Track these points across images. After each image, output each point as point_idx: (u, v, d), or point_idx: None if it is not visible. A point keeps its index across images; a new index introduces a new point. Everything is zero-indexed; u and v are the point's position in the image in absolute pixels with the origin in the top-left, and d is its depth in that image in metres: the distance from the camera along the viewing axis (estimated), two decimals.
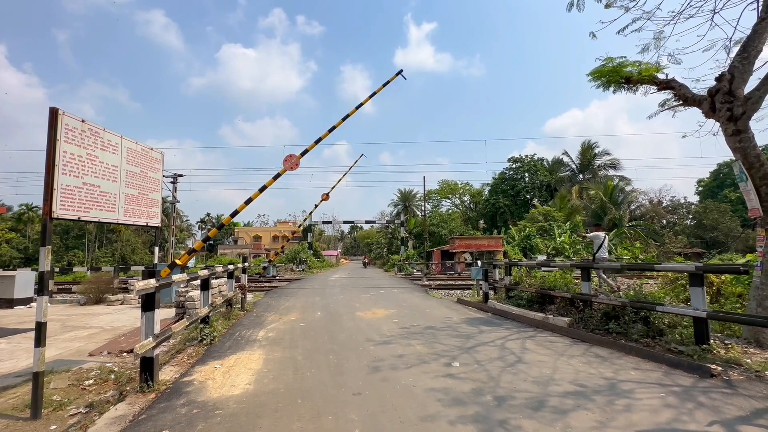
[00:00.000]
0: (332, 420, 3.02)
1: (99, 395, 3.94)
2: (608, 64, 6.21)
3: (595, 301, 6.27)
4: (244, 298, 9.21)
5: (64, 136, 3.89)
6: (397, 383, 3.84)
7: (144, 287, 3.73)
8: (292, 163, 7.78)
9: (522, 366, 4.37)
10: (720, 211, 38.12)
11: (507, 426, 2.88)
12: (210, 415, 3.13)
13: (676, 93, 5.95)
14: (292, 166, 7.78)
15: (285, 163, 7.78)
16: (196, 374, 4.23)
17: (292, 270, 30.37)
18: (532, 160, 46.58)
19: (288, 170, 7.75)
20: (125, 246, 44.82)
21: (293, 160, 7.80)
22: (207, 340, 5.66)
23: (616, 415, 3.02)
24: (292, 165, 7.77)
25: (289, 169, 7.77)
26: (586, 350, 5.01)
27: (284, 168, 7.67)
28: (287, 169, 7.73)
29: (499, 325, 6.90)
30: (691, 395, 3.41)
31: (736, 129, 5.07)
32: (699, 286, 4.72)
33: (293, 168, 7.82)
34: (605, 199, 33.54)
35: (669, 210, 44.85)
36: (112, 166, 4.65)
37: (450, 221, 39.02)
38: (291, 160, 7.80)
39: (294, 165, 7.80)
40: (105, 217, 4.56)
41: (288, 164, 7.76)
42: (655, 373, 4.02)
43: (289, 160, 7.79)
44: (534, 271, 9.46)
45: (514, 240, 27.77)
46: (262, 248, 57.42)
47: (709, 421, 2.90)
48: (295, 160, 7.80)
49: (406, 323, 7.08)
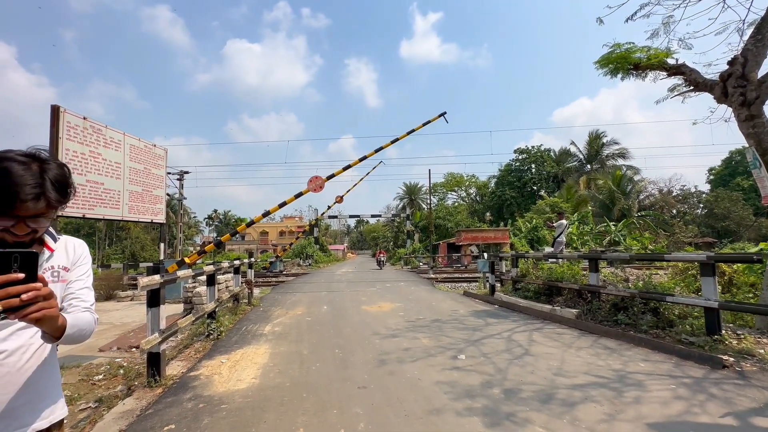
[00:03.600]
0: (337, 413, 3.01)
1: (108, 390, 3.98)
2: (616, 50, 6.06)
3: (604, 292, 6.19)
4: (250, 293, 9.27)
5: (66, 133, 3.90)
6: (403, 376, 3.83)
7: (148, 283, 3.75)
8: (317, 185, 7.64)
9: (529, 358, 4.33)
10: (732, 199, 37.42)
11: (515, 419, 2.85)
12: (216, 410, 3.15)
13: (687, 78, 5.78)
14: (315, 188, 7.63)
15: (309, 184, 7.64)
16: (203, 369, 4.26)
17: (299, 265, 30.53)
18: (539, 151, 46.07)
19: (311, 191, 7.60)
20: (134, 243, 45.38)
21: (318, 182, 7.69)
22: (214, 335, 5.70)
23: (626, 408, 2.97)
24: (315, 187, 7.63)
25: (313, 190, 7.63)
26: (594, 342, 4.95)
27: (308, 188, 7.54)
28: (310, 190, 7.60)
29: (505, 317, 6.85)
30: (703, 387, 3.34)
31: (749, 114, 4.92)
32: (710, 275, 4.62)
33: (317, 190, 7.65)
34: (614, 188, 33.07)
35: (679, 199, 44.13)
36: (116, 163, 4.66)
37: (456, 214, 38.89)
38: (316, 182, 7.68)
39: (318, 187, 7.64)
40: (109, 215, 4.59)
41: (312, 185, 7.62)
42: (665, 365, 3.95)
43: (315, 182, 7.66)
44: (541, 263, 9.37)
45: (521, 232, 27.56)
46: (269, 243, 57.81)
47: (721, 413, 2.84)
48: (320, 183, 7.67)
49: (412, 316, 7.07)
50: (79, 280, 1.22)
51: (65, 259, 1.21)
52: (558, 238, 11.04)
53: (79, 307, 1.16)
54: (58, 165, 1.07)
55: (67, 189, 1.07)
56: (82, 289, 1.21)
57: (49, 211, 1.04)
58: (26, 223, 1.01)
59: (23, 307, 0.86)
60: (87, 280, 1.25)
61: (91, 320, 1.18)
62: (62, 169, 1.07)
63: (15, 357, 1.08)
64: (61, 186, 1.04)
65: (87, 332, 1.15)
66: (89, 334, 1.17)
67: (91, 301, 1.24)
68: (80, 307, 1.17)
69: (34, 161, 1.02)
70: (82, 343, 1.25)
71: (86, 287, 1.24)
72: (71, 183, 1.09)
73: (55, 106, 3.80)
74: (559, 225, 11.22)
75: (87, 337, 1.16)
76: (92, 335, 1.17)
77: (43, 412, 1.14)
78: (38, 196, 0.99)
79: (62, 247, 1.22)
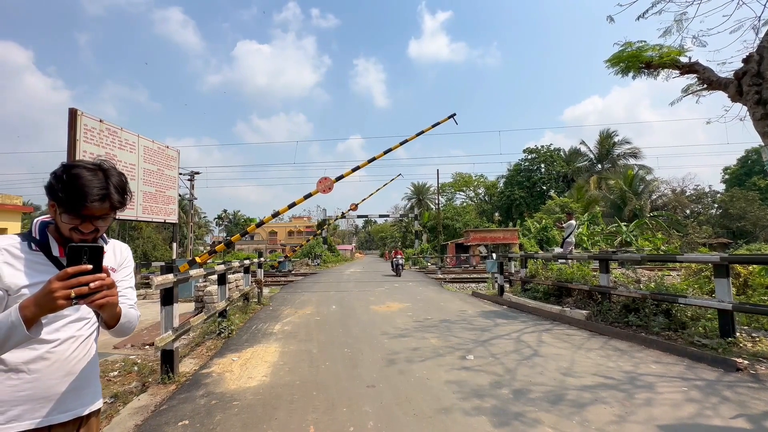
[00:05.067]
0: (346, 412, 3.05)
1: (123, 386, 4.08)
2: (627, 49, 5.98)
3: (614, 294, 6.13)
4: (260, 293, 9.37)
5: (83, 136, 3.99)
6: (412, 376, 3.85)
7: (162, 282, 3.83)
8: (326, 186, 7.76)
9: (538, 359, 4.31)
10: (748, 199, 36.53)
11: (524, 419, 2.85)
12: (228, 406, 3.21)
13: (700, 77, 5.69)
14: (325, 189, 7.76)
15: (318, 185, 7.75)
16: (215, 366, 4.33)
17: (308, 264, 30.72)
18: (549, 151, 45.61)
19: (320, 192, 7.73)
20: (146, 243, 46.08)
21: (327, 183, 7.80)
22: (225, 333, 5.78)
23: (636, 409, 2.95)
24: (325, 188, 7.75)
25: (322, 191, 7.76)
26: (604, 343, 4.91)
27: (317, 189, 7.66)
28: (319, 191, 7.72)
29: (514, 318, 6.83)
30: (715, 389, 3.30)
31: (765, 113, 4.82)
32: (724, 277, 4.55)
33: (326, 191, 7.79)
34: (625, 188, 32.56)
35: (693, 199, 43.27)
36: (130, 164, 4.76)
37: (464, 214, 38.72)
38: (325, 182, 7.80)
39: (327, 188, 7.77)
40: (124, 215, 4.69)
41: (321, 186, 7.74)
42: (677, 367, 3.91)
43: (324, 183, 7.78)
44: (550, 264, 9.31)
45: (530, 232, 27.33)
46: (278, 243, 58.23)
47: (733, 416, 2.81)
48: (329, 183, 7.78)
49: (420, 316, 7.08)
50: (124, 281, 1.35)
51: (113, 261, 1.34)
52: (567, 238, 10.96)
53: (126, 305, 1.29)
54: (118, 173, 1.21)
55: (126, 193, 1.20)
56: (127, 289, 1.35)
57: (111, 213, 1.17)
58: (92, 222, 1.13)
59: (91, 294, 0.99)
60: (131, 280, 1.39)
61: (136, 316, 1.33)
62: (122, 177, 1.21)
63: (65, 346, 1.18)
64: (122, 190, 1.17)
65: (133, 325, 1.30)
66: (134, 327, 1.32)
67: (134, 299, 1.38)
68: (126, 305, 1.29)
69: (99, 170, 1.15)
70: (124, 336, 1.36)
71: (130, 287, 1.37)
72: (129, 189, 1.22)
73: (73, 109, 3.91)
74: (568, 225, 11.17)
75: (132, 330, 1.31)
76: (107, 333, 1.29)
77: (86, 400, 1.25)
78: (104, 198, 1.12)
79: (111, 249, 1.35)
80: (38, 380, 1.13)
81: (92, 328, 1.27)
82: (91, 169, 1.14)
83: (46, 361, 1.14)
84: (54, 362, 1.15)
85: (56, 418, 1.16)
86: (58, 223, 1.14)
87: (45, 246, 1.17)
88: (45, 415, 1.14)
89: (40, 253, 1.16)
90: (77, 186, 1.09)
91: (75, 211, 1.09)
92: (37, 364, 1.13)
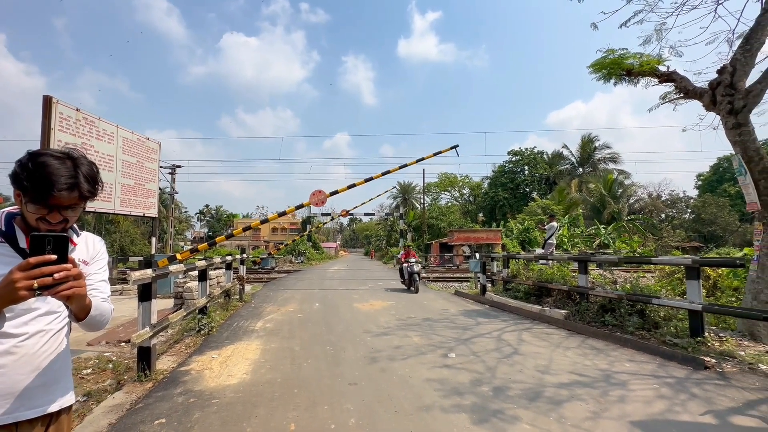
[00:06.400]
0: (328, 409, 3.04)
1: (97, 384, 3.96)
2: (609, 56, 6.14)
3: (592, 294, 6.30)
4: (242, 289, 9.23)
5: (58, 124, 3.84)
6: (394, 374, 3.87)
7: (140, 277, 3.73)
8: (319, 200, 7.77)
9: (518, 357, 4.40)
10: (719, 205, 38.10)
11: (502, 416, 2.90)
12: (206, 404, 3.15)
13: (677, 85, 5.89)
14: (317, 203, 7.78)
15: (311, 198, 7.73)
16: (194, 364, 4.25)
17: (291, 262, 30.44)
18: (532, 153, 46.42)
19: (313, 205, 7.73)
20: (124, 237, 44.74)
21: (321, 196, 7.79)
22: (205, 330, 5.68)
23: (610, 406, 3.05)
24: (318, 201, 7.76)
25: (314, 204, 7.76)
26: (581, 342, 5.05)
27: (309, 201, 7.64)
28: (312, 203, 7.72)
29: (496, 317, 6.93)
30: (685, 387, 3.43)
31: (736, 122, 5.04)
32: (695, 279, 4.73)
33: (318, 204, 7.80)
34: (604, 192, 33.50)
35: (668, 204, 44.85)
36: (108, 155, 4.61)
37: (449, 214, 39.00)
38: (318, 196, 7.79)
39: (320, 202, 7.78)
40: (101, 208, 4.55)
41: (314, 199, 7.73)
42: (650, 365, 4.05)
43: (317, 196, 7.77)
44: (531, 264, 9.49)
45: (513, 233, 27.79)
46: (261, 240, 57.44)
47: (701, 412, 2.93)
48: (323, 197, 7.78)
49: (403, 315, 7.11)
50: (97, 273, 1.33)
51: (85, 253, 1.31)
52: (548, 239, 11.23)
53: (98, 298, 1.26)
54: (89, 162, 1.18)
55: (96, 183, 1.17)
56: (100, 282, 1.32)
57: (80, 203, 1.15)
58: (60, 212, 1.11)
59: (55, 285, 0.96)
60: (104, 273, 1.36)
61: (109, 310, 1.29)
62: (92, 166, 1.18)
63: (33, 340, 1.15)
64: (92, 180, 1.15)
65: (106, 319, 1.27)
66: (107, 321, 1.28)
67: (108, 292, 1.35)
68: (99, 298, 1.26)
69: (67, 158, 1.13)
70: (70, 336, 1.33)
71: (103, 280, 1.35)
72: (100, 179, 1.20)
73: (48, 96, 3.75)
74: (549, 227, 11.46)
75: (105, 323, 1.27)
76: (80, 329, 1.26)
77: (56, 396, 1.21)
78: (72, 187, 1.09)
79: (83, 242, 1.32)
80: (4, 375, 1.09)
81: (63, 323, 1.23)
82: (59, 158, 1.11)
83: (13, 355, 1.10)
84: (21, 357, 1.11)
85: (23, 414, 1.12)
86: (24, 213, 1.12)
87: (11, 238, 1.13)
88: (11, 411, 1.10)
89: (6, 245, 1.12)
90: (44, 174, 1.06)
91: (42, 200, 1.07)
92: (4, 359, 1.09)
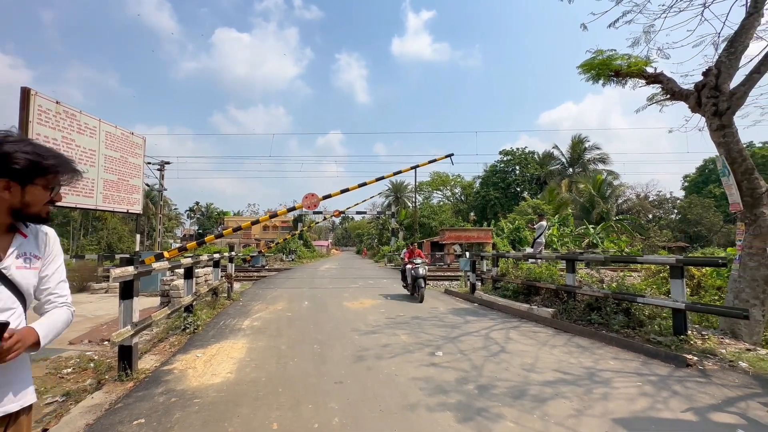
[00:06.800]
0: (312, 408, 3.01)
1: (77, 384, 3.87)
2: (598, 56, 6.19)
3: (579, 293, 6.36)
4: (230, 288, 9.13)
5: (36, 117, 3.73)
6: (380, 372, 3.85)
7: (121, 274, 3.65)
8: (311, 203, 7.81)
9: (505, 355, 4.41)
10: (704, 206, 38.89)
11: (486, 414, 2.90)
12: (188, 404, 3.10)
13: (664, 87, 5.96)
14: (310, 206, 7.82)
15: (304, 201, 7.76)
16: (177, 363, 4.18)
17: (282, 260, 30.23)
18: (523, 153, 46.78)
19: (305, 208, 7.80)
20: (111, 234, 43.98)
21: (313, 200, 7.83)
22: (190, 329, 5.59)
23: (594, 404, 3.07)
24: (310, 205, 7.80)
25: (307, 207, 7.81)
26: (568, 340, 5.09)
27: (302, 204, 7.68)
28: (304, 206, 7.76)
29: (484, 315, 6.96)
30: (667, 384, 3.48)
31: (720, 124, 5.11)
32: (679, 278, 4.80)
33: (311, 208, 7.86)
34: (594, 192, 33.90)
35: (655, 204, 45.63)
36: (90, 150, 4.49)
37: (440, 213, 39.15)
38: (311, 199, 7.83)
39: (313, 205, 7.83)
40: (82, 203, 4.44)
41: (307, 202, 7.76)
42: (634, 363, 4.09)
43: (310, 199, 7.80)
44: (520, 263, 9.55)
45: (504, 232, 27.98)
46: (251, 237, 56.94)
47: (682, 409, 2.97)
48: (315, 201, 7.82)
49: (392, 313, 7.10)
50: (56, 274, 1.29)
51: (36, 249, 1.27)
52: (538, 239, 11.31)
53: (57, 303, 1.24)
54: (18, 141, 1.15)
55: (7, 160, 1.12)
56: (59, 284, 1.29)
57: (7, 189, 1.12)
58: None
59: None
60: (62, 272, 1.32)
61: (67, 317, 1.28)
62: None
63: None
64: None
65: (65, 327, 1.27)
66: (67, 325, 1.28)
67: (67, 294, 1.32)
68: (57, 303, 1.25)
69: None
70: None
71: (62, 281, 1.31)
72: (12, 156, 1.13)
73: (26, 88, 3.64)
74: (539, 226, 11.54)
75: (66, 328, 1.28)
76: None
77: (15, 395, 1.18)
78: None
79: (33, 234, 1.28)
80: None
81: (18, 320, 1.18)
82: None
83: None
84: None
85: None
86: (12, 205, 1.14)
87: None
88: None
89: None
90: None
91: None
92: None
